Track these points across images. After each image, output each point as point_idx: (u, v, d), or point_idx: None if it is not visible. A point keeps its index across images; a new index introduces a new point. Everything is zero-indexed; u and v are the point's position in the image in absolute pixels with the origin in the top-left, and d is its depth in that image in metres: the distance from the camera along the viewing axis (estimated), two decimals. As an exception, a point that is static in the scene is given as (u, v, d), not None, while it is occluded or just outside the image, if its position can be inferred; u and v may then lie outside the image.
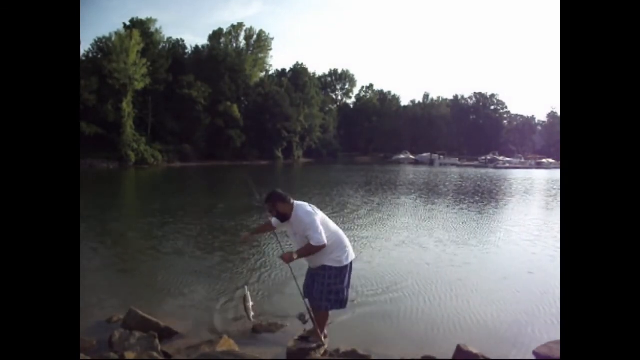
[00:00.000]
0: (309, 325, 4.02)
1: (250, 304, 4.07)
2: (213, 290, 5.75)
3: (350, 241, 4.10)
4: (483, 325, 4.70)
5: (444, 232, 10.51)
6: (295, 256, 3.71)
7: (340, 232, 3.97)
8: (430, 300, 5.46)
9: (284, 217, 3.84)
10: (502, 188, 25.92)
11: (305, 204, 3.89)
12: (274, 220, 4.07)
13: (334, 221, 4.07)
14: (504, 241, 9.64)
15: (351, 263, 3.95)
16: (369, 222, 11.90)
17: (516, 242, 9.55)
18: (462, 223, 12.18)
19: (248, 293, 4.12)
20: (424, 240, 9.23)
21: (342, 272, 3.85)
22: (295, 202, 3.87)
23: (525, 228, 11.35)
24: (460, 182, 28.19)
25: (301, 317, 4.02)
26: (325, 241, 3.67)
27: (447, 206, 15.99)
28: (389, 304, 5.30)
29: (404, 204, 16.42)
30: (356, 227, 10.83)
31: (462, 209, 15.36)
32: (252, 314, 4.09)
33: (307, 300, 4.01)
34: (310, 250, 3.73)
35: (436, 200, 17.91)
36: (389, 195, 19.26)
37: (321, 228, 3.70)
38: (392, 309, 5.14)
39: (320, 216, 3.81)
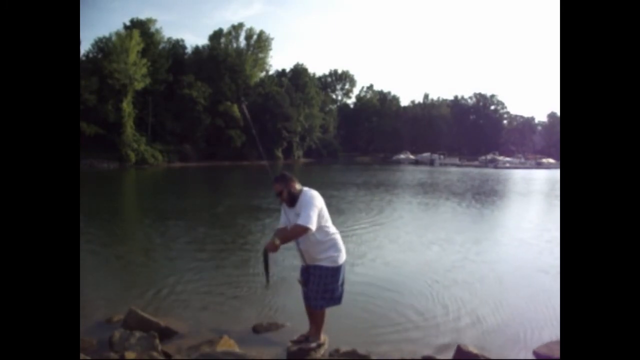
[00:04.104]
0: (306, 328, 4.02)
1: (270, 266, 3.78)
2: (213, 289, 5.75)
3: (385, 241, 3.96)
4: (483, 325, 4.70)
5: (470, 230, 10.73)
6: (277, 242, 3.49)
7: (338, 233, 3.96)
8: (431, 300, 5.46)
9: (293, 200, 3.70)
10: (513, 188, 26.14)
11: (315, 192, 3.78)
12: (282, 220, 3.93)
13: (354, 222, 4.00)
14: (517, 240, 9.70)
15: (344, 263, 3.94)
16: (392, 220, 12.05)
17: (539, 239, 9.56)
18: (495, 222, 12.47)
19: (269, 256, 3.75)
20: (436, 239, 9.24)
21: (337, 272, 3.85)
22: (304, 187, 3.80)
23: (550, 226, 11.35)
24: (470, 182, 28.29)
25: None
26: (313, 226, 3.50)
27: (468, 206, 16.09)
28: (389, 304, 5.30)
29: (426, 204, 16.54)
30: (384, 227, 10.88)
31: (485, 207, 15.79)
32: (270, 276, 3.84)
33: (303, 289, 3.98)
34: (294, 231, 3.53)
35: (455, 200, 17.95)
36: (407, 196, 19.25)
37: (315, 214, 3.56)
38: (393, 308, 5.14)
39: (321, 207, 3.70)
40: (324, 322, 4.02)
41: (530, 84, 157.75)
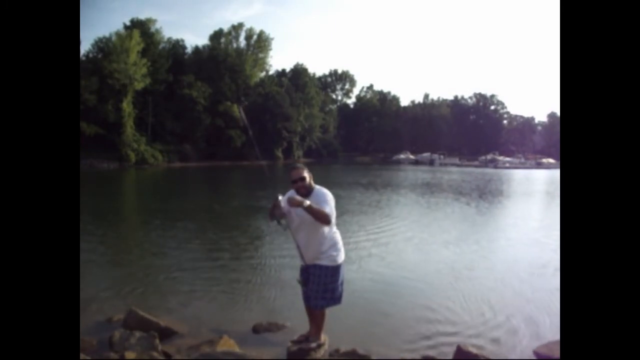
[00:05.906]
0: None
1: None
2: (214, 289, 5.75)
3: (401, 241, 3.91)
4: (483, 325, 4.69)
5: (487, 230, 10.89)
6: (306, 203, 3.48)
7: (338, 233, 3.97)
8: (431, 300, 5.45)
9: (309, 192, 3.77)
10: (517, 188, 26.26)
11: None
12: (284, 202, 3.84)
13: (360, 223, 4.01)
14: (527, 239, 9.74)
15: (343, 262, 3.96)
16: (404, 220, 12.14)
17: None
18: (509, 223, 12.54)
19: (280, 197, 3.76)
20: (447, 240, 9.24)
21: (337, 271, 3.87)
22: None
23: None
24: (474, 182, 28.35)
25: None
26: (333, 220, 3.72)
27: (477, 206, 16.15)
28: (389, 304, 5.29)
29: (436, 203, 16.59)
30: (397, 227, 10.88)
31: (494, 207, 16.12)
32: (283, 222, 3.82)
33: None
34: (321, 213, 3.56)
35: (463, 199, 17.98)
36: (414, 196, 19.24)
37: (334, 211, 3.73)
38: (393, 308, 5.14)
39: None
40: (324, 322, 4.02)
41: (530, 84, 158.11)
